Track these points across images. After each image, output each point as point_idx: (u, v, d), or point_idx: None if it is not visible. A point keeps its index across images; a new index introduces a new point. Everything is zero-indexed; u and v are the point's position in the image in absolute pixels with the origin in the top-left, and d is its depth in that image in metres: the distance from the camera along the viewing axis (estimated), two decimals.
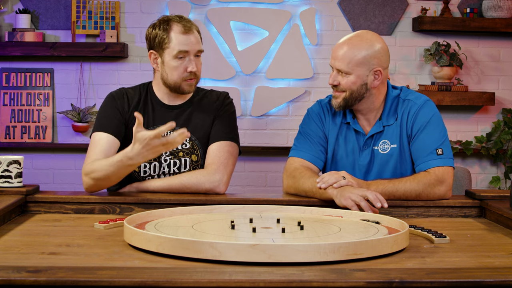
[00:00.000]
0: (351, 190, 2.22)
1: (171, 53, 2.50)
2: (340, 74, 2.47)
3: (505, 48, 4.56)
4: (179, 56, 2.50)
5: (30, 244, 1.82)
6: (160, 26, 2.52)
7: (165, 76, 2.54)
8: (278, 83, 4.51)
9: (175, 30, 2.51)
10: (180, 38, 2.50)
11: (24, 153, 4.35)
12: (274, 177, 4.51)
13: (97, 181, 2.36)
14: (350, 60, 2.44)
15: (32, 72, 4.43)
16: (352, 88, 2.46)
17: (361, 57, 2.44)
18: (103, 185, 2.38)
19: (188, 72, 2.52)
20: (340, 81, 2.47)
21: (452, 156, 2.46)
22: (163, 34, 2.50)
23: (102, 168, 2.34)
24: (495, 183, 4.49)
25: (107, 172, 2.33)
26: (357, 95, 2.47)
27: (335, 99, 2.52)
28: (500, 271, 1.53)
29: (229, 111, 2.63)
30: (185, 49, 2.50)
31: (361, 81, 2.46)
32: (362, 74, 2.45)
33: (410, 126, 2.50)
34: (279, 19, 4.46)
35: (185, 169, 2.55)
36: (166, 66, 2.52)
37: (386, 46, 2.50)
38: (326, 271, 1.48)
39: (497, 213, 2.21)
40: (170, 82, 2.54)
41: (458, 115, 4.58)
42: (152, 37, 2.54)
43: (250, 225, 1.91)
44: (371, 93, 2.49)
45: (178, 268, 1.52)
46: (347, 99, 2.48)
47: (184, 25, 2.51)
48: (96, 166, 2.36)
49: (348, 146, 2.57)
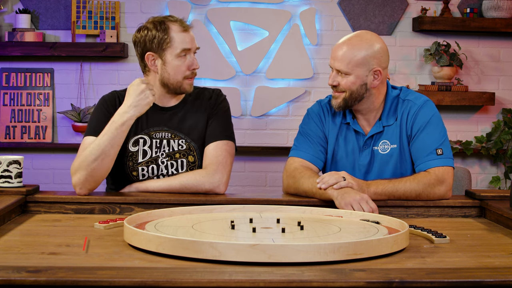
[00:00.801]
0: (352, 195, 2.21)
1: (174, 52, 2.50)
2: (340, 74, 2.47)
3: (505, 48, 4.56)
4: (182, 54, 2.51)
5: (30, 244, 1.82)
6: (157, 28, 2.51)
7: (167, 76, 2.53)
8: (278, 83, 4.51)
9: (174, 29, 2.51)
10: (182, 37, 2.51)
11: (24, 153, 4.35)
12: (274, 177, 4.51)
13: (90, 170, 2.33)
14: (350, 60, 2.44)
15: (32, 72, 4.43)
16: (352, 88, 2.46)
17: (361, 58, 2.44)
18: (96, 174, 2.35)
19: (191, 71, 2.53)
20: (340, 82, 2.47)
21: (452, 156, 2.46)
22: (163, 35, 2.50)
23: (92, 151, 2.34)
24: (495, 183, 4.49)
25: (99, 149, 2.34)
26: (357, 95, 2.47)
27: (334, 99, 2.52)
28: (500, 271, 1.53)
29: (223, 109, 2.63)
30: (188, 46, 2.51)
31: (361, 81, 2.46)
32: (361, 74, 2.45)
33: (410, 126, 2.50)
34: (279, 19, 4.46)
35: (182, 170, 2.55)
36: (169, 65, 2.52)
37: (385, 46, 2.50)
38: (326, 271, 1.48)
39: (497, 213, 2.21)
40: (172, 81, 2.53)
41: (458, 115, 4.58)
42: (149, 39, 2.51)
43: (250, 225, 1.91)
44: (371, 93, 2.49)
45: (178, 268, 1.52)
46: (346, 99, 2.48)
47: (182, 24, 2.53)
48: (85, 153, 2.36)
49: (348, 146, 2.57)
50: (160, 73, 2.54)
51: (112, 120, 2.39)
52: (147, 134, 2.55)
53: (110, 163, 2.39)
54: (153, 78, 2.57)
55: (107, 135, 2.37)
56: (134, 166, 2.54)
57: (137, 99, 2.38)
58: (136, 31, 2.58)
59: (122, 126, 2.37)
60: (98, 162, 2.35)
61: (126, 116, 2.37)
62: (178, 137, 2.56)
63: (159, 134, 2.56)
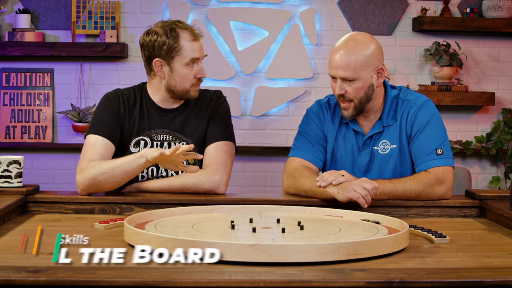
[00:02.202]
0: (351, 184, 2.22)
1: (183, 60, 2.49)
2: (345, 82, 2.45)
3: (505, 48, 4.56)
4: (190, 63, 2.50)
5: (30, 244, 1.81)
6: (167, 34, 2.49)
7: (173, 83, 2.52)
8: (278, 83, 4.51)
9: (185, 37, 2.49)
10: (191, 46, 2.50)
11: (24, 153, 4.35)
12: (274, 177, 4.51)
13: (98, 183, 2.34)
14: (355, 65, 2.41)
15: (32, 72, 4.43)
16: (360, 94, 2.45)
17: (363, 59, 2.42)
18: (102, 186, 2.36)
19: (197, 78, 2.53)
20: (347, 90, 2.45)
21: (452, 156, 2.46)
22: (173, 42, 2.48)
23: (106, 168, 2.34)
24: (495, 183, 4.49)
25: (113, 171, 2.33)
26: (366, 98, 2.46)
27: (345, 110, 2.49)
28: (500, 271, 1.53)
29: (223, 111, 2.63)
30: (197, 56, 2.51)
31: (368, 83, 2.45)
32: (367, 76, 2.44)
33: (409, 126, 2.50)
34: (279, 19, 4.46)
35: (182, 172, 2.55)
36: (176, 73, 2.51)
37: (379, 43, 2.50)
38: (326, 271, 1.48)
39: (497, 213, 2.21)
40: (179, 89, 2.52)
41: (458, 115, 4.58)
42: (158, 45, 2.49)
43: (250, 225, 1.91)
44: (376, 92, 2.49)
45: (178, 268, 1.52)
46: (357, 106, 2.47)
47: (192, 32, 2.51)
48: (101, 168, 2.35)
49: (347, 146, 2.57)
50: (167, 79, 2.53)
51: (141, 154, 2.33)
52: (149, 136, 2.55)
53: (119, 184, 2.39)
54: (157, 82, 2.56)
55: (128, 166, 2.34)
56: None
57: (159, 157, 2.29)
58: (145, 33, 2.54)
59: (146, 163, 2.33)
60: (108, 180, 2.35)
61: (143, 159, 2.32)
62: (179, 139, 2.56)
63: (160, 136, 2.56)
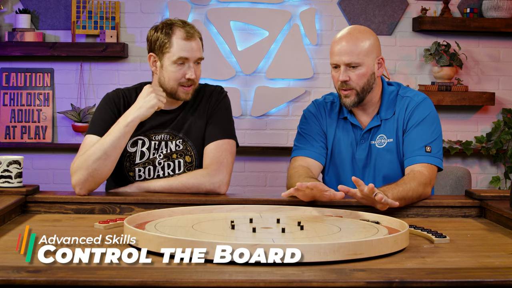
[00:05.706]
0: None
1: (171, 58, 2.48)
2: (349, 68, 2.47)
3: (505, 48, 4.56)
4: (178, 62, 2.48)
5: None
6: (163, 30, 2.49)
7: (162, 80, 2.52)
8: (278, 83, 4.51)
9: (178, 35, 2.48)
10: (182, 44, 2.47)
11: (24, 153, 4.35)
12: (274, 177, 4.51)
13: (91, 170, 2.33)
14: (360, 51, 2.46)
15: (32, 72, 4.43)
16: (363, 81, 2.47)
17: (368, 46, 2.48)
18: (97, 174, 2.34)
19: (186, 79, 2.49)
20: (351, 76, 2.47)
21: (441, 157, 2.46)
22: (165, 38, 2.48)
23: (94, 151, 2.35)
24: (495, 183, 4.49)
25: (101, 149, 2.34)
26: (368, 86, 2.50)
27: (347, 98, 2.50)
28: (500, 271, 1.53)
29: (223, 107, 2.61)
30: (185, 55, 2.48)
31: (371, 71, 2.49)
32: (370, 63, 2.49)
33: (406, 121, 2.53)
34: (279, 19, 4.46)
35: (180, 171, 2.54)
36: (165, 70, 2.50)
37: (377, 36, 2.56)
38: (326, 271, 1.48)
39: (497, 213, 2.21)
40: (166, 86, 2.52)
41: (458, 115, 4.58)
42: (153, 39, 2.51)
43: (250, 225, 1.91)
44: (376, 83, 2.52)
45: (178, 268, 1.52)
46: (359, 93, 2.49)
47: (187, 31, 2.48)
48: (87, 153, 2.36)
49: (346, 141, 2.59)
50: (158, 75, 2.53)
51: (117, 122, 2.40)
52: (146, 135, 2.55)
53: (111, 164, 2.38)
54: (155, 78, 2.56)
55: (110, 136, 2.37)
56: (131, 167, 2.53)
57: (142, 101, 2.42)
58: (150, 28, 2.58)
59: (126, 127, 2.38)
60: (100, 163, 2.35)
61: (129, 118, 2.39)
62: (176, 138, 2.55)
63: (158, 136, 2.55)
